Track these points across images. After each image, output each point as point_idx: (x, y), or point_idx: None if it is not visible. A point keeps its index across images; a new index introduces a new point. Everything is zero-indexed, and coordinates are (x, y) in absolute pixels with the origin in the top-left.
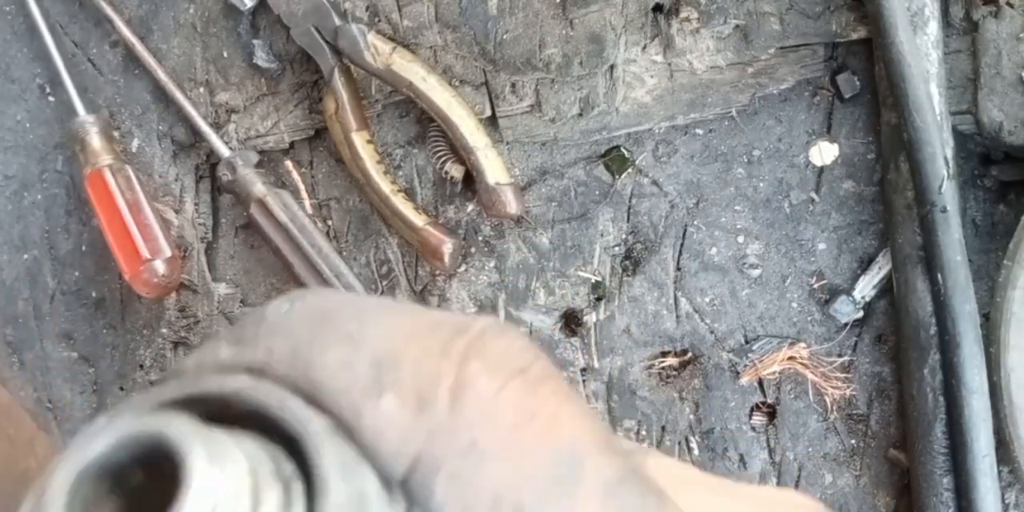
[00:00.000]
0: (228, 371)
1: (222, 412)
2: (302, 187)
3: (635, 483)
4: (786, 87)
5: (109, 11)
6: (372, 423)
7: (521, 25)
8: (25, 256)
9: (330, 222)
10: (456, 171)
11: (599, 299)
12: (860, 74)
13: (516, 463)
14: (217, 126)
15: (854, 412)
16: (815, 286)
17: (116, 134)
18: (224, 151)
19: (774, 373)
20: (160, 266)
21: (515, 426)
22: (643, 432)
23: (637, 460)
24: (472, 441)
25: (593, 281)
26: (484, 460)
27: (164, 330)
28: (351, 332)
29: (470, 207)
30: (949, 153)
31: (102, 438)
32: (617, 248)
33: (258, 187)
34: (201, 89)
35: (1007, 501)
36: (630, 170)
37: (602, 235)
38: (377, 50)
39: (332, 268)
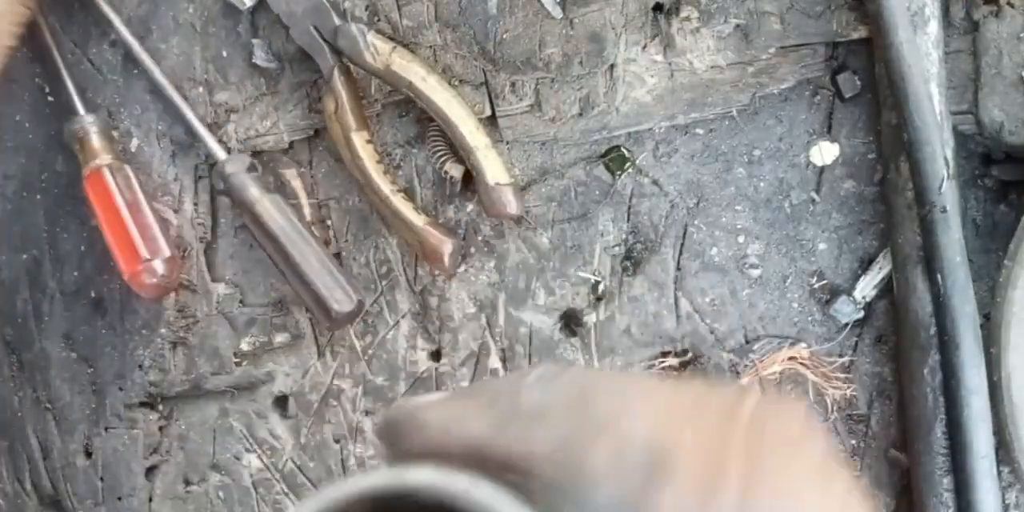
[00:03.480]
0: (480, 453)
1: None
2: (301, 188)
3: None
4: (786, 87)
5: (108, 11)
6: None
7: (521, 25)
8: (25, 256)
9: (330, 222)
10: (456, 171)
11: (599, 299)
12: (860, 74)
13: None
14: (216, 126)
15: (854, 412)
16: (815, 286)
17: (115, 134)
18: (220, 154)
19: (774, 373)
20: (159, 266)
21: None
22: None
23: None
24: None
25: (593, 281)
26: None
27: (163, 330)
28: (617, 420)
29: (470, 207)
30: (949, 153)
31: (348, 487)
32: (617, 248)
33: (250, 192)
34: (200, 89)
35: (1007, 501)
36: (630, 170)
37: (602, 235)
38: (377, 50)
39: (324, 284)
